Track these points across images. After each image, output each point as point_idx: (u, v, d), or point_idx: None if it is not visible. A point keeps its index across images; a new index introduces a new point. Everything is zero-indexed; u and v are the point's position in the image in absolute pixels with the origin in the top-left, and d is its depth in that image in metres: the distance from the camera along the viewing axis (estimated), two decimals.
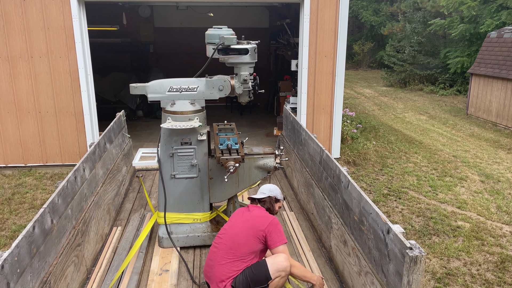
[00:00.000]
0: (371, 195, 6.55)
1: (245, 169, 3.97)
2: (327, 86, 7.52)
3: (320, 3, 7.15)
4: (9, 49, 6.82)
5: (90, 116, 7.18)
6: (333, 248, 3.70)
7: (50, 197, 2.94)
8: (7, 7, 6.66)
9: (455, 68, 16.33)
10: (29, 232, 2.51)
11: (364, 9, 24.80)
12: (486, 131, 10.95)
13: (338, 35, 7.30)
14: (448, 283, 4.43)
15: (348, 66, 22.88)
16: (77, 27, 6.79)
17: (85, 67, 6.99)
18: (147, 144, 8.43)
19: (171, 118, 3.65)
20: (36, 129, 7.19)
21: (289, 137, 5.82)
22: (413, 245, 2.30)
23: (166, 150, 3.76)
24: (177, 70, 8.46)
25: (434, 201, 6.41)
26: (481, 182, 7.23)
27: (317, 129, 7.68)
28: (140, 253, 3.75)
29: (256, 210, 3.28)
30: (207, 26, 3.79)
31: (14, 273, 2.29)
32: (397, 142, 9.46)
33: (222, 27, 3.59)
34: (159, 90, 3.69)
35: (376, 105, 14.59)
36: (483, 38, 13.91)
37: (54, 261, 2.87)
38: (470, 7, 15.20)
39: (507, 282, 4.46)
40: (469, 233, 5.42)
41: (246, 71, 3.64)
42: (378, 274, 2.69)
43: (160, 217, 3.85)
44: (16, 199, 6.36)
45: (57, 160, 7.36)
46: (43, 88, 7.04)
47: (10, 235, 5.32)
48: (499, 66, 11.34)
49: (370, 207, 2.80)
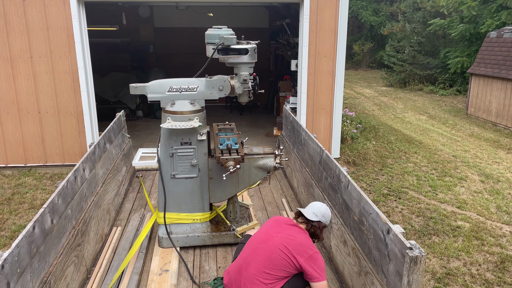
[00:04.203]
0: (371, 195, 6.55)
1: (245, 169, 3.96)
2: (327, 86, 7.53)
3: (320, 3, 7.15)
4: (9, 49, 6.82)
5: (90, 116, 7.18)
6: (333, 248, 3.70)
7: (50, 197, 2.94)
8: (7, 7, 6.66)
9: (455, 68, 16.33)
10: (29, 232, 2.51)
11: (364, 9, 24.81)
12: (486, 131, 10.95)
13: (338, 35, 7.30)
14: (448, 283, 4.43)
15: (348, 66, 22.90)
16: (77, 27, 6.79)
17: (85, 67, 6.99)
18: (147, 144, 8.43)
19: (171, 118, 3.64)
20: (36, 129, 7.18)
21: (289, 137, 5.82)
22: (413, 245, 2.30)
23: (166, 150, 3.76)
24: (177, 70, 8.47)
25: (434, 201, 6.41)
26: (481, 182, 7.23)
27: (317, 129, 7.68)
28: (140, 253, 3.75)
29: (300, 235, 2.93)
30: (207, 26, 3.79)
31: (14, 273, 2.29)
32: (397, 142, 9.46)
33: (222, 27, 3.59)
34: (159, 90, 3.69)
35: (376, 105, 14.59)
36: (483, 38, 13.91)
37: (54, 261, 2.87)
38: (470, 7, 15.20)
39: (507, 282, 4.46)
40: (469, 233, 5.42)
41: (246, 71, 3.64)
42: (378, 274, 2.69)
43: (160, 217, 3.85)
44: (16, 199, 6.36)
45: (57, 160, 7.36)
46: (43, 88, 7.03)
47: (10, 235, 5.32)
48: (499, 66, 11.35)
49: (370, 207, 2.80)
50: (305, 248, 2.85)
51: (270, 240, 2.91)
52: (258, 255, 2.89)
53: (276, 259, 2.83)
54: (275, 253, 2.84)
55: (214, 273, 3.57)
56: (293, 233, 2.94)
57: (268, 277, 2.81)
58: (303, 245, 2.86)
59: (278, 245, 2.86)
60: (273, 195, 5.27)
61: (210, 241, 3.95)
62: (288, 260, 2.82)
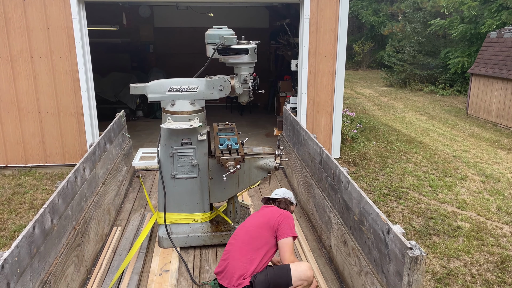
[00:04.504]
0: (371, 195, 6.55)
1: (245, 169, 3.96)
2: (327, 86, 7.52)
3: (320, 3, 7.14)
4: (10, 49, 6.82)
5: (90, 116, 7.18)
6: (333, 248, 3.70)
7: (50, 197, 2.94)
8: (7, 7, 6.66)
9: (455, 68, 16.33)
10: (29, 232, 2.51)
11: (364, 9, 24.81)
12: (486, 131, 10.95)
13: (338, 35, 7.30)
14: (448, 283, 4.43)
15: (348, 66, 22.90)
16: (77, 27, 6.79)
17: (85, 67, 6.99)
18: (147, 144, 8.43)
19: (171, 118, 3.64)
20: (36, 129, 7.18)
21: (289, 137, 5.82)
22: (413, 245, 2.30)
23: (166, 150, 3.76)
24: (177, 70, 8.46)
25: (434, 201, 6.41)
26: (481, 182, 7.23)
27: (317, 129, 7.67)
28: (140, 253, 3.75)
29: (271, 207, 3.32)
30: (207, 26, 3.79)
31: (14, 273, 2.29)
32: (397, 142, 9.46)
33: (222, 27, 3.59)
34: (159, 90, 3.69)
35: (376, 105, 14.59)
36: (484, 38, 13.90)
37: (54, 261, 2.87)
38: (470, 7, 15.19)
39: (507, 282, 4.46)
40: (469, 233, 5.42)
41: (246, 71, 3.64)
42: (378, 274, 2.69)
43: (160, 217, 3.85)
44: (16, 199, 6.36)
45: (57, 160, 7.36)
46: (43, 88, 7.03)
47: (10, 235, 5.32)
48: (499, 66, 11.34)
49: (370, 207, 2.80)
50: (277, 211, 3.22)
51: (247, 222, 3.24)
52: (238, 236, 3.15)
53: (253, 231, 3.10)
54: (252, 227, 3.14)
55: (214, 273, 3.57)
56: (264, 210, 3.31)
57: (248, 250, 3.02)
58: (275, 210, 3.24)
59: (253, 221, 3.19)
60: None
61: (210, 241, 3.95)
62: (265, 226, 3.08)
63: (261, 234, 3.05)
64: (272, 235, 3.06)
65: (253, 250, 3.00)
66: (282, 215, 3.13)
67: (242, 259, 2.98)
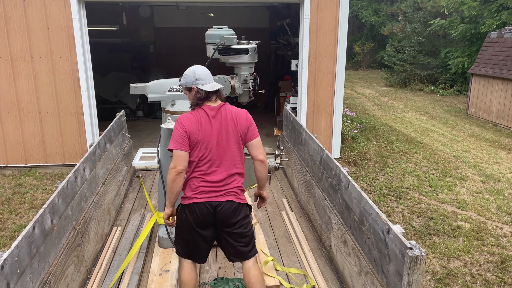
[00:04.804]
0: (371, 195, 6.54)
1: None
2: (327, 86, 7.52)
3: (320, 3, 7.14)
4: (10, 49, 6.82)
5: (90, 116, 7.18)
6: (333, 248, 3.69)
7: (50, 197, 2.94)
8: (7, 7, 6.66)
9: (456, 68, 16.32)
10: (29, 232, 2.51)
11: (364, 9, 24.82)
12: (487, 131, 10.94)
13: (338, 35, 7.30)
14: (448, 283, 4.43)
15: (348, 66, 22.88)
16: (77, 27, 6.79)
17: (85, 67, 6.99)
18: (147, 144, 8.43)
19: (171, 118, 3.64)
20: (37, 129, 7.18)
21: (289, 137, 5.82)
22: (413, 245, 2.30)
23: (166, 150, 3.75)
24: (177, 70, 8.45)
25: (434, 201, 6.41)
26: (482, 182, 7.23)
27: (317, 129, 7.67)
28: (140, 253, 3.75)
29: (225, 106, 2.94)
30: (207, 26, 3.78)
31: (14, 273, 2.29)
32: (398, 142, 9.46)
33: (222, 27, 3.59)
34: (159, 90, 3.68)
35: (376, 105, 14.59)
36: (484, 38, 13.90)
37: (54, 261, 2.87)
38: (470, 7, 15.19)
39: (507, 282, 4.46)
40: (469, 233, 5.42)
41: (246, 71, 3.63)
42: (378, 274, 2.69)
43: (160, 217, 3.84)
44: (16, 199, 6.36)
45: (57, 160, 7.36)
46: (43, 88, 7.03)
47: (10, 235, 5.32)
48: (500, 66, 11.34)
49: (370, 207, 2.79)
50: (242, 113, 3.00)
51: (213, 135, 2.87)
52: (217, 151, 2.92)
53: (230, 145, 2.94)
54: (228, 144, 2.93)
55: (214, 273, 3.57)
56: (223, 113, 2.91)
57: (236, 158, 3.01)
58: (238, 112, 2.98)
59: (225, 134, 2.90)
60: (274, 195, 5.26)
61: None
62: (237, 134, 2.95)
63: (237, 141, 2.98)
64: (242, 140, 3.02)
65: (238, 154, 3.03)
66: (250, 118, 3.06)
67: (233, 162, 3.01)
